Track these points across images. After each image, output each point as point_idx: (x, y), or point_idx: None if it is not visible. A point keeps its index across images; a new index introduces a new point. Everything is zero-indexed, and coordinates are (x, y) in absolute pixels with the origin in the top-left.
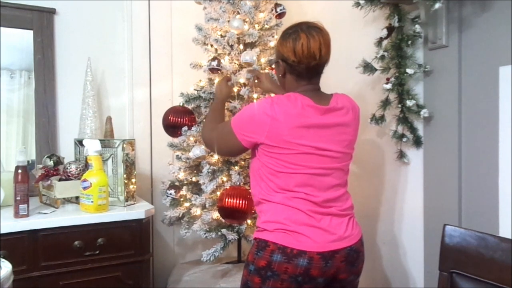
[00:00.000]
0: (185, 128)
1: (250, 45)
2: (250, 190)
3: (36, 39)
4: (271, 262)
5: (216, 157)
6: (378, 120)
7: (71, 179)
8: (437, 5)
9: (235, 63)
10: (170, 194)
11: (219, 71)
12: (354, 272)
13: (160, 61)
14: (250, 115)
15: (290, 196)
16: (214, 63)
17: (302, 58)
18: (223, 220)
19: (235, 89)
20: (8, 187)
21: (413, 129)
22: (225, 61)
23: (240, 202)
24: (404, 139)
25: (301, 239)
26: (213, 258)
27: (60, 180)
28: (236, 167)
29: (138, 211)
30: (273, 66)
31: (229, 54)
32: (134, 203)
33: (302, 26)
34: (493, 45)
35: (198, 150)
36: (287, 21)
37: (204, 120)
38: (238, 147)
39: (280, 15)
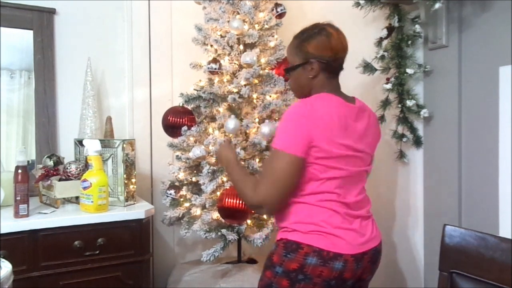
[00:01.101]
0: (184, 128)
1: (250, 46)
2: None
3: (36, 39)
4: (304, 265)
5: (216, 157)
6: (378, 120)
7: (71, 179)
8: (437, 5)
9: (235, 63)
10: (170, 194)
11: (218, 73)
12: (374, 271)
13: (160, 61)
14: (292, 120)
15: (325, 198)
16: (213, 66)
17: (339, 52)
18: (223, 220)
19: (235, 89)
20: (8, 187)
21: (413, 129)
22: (225, 62)
23: (240, 202)
24: (404, 139)
25: (337, 241)
26: (213, 258)
27: (60, 180)
28: None
29: (138, 211)
30: (290, 73)
31: (229, 54)
32: (134, 203)
33: (323, 25)
34: (493, 45)
35: (198, 150)
36: (287, 21)
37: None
38: (297, 164)
39: (280, 15)
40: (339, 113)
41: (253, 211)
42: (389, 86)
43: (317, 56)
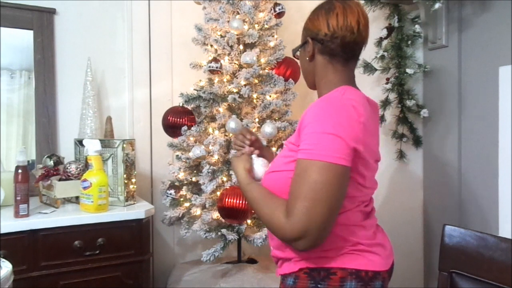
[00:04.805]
0: (184, 128)
1: (250, 46)
2: None
3: (36, 39)
4: None
5: (216, 157)
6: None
7: (71, 179)
8: (437, 5)
9: (235, 63)
10: (170, 194)
11: (218, 72)
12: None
13: (160, 61)
14: (337, 111)
15: (350, 214)
16: (214, 65)
17: (337, 30)
18: (223, 220)
19: (235, 89)
20: (8, 187)
21: (413, 129)
22: (225, 62)
23: (240, 202)
24: (404, 139)
25: (372, 258)
26: (213, 258)
27: (60, 180)
28: None
29: (138, 211)
30: (297, 54)
31: (229, 54)
32: (134, 203)
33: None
34: (493, 45)
35: (198, 150)
36: (287, 21)
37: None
38: (343, 176)
39: (279, 15)
40: (370, 115)
41: (253, 211)
42: (389, 86)
43: (313, 34)
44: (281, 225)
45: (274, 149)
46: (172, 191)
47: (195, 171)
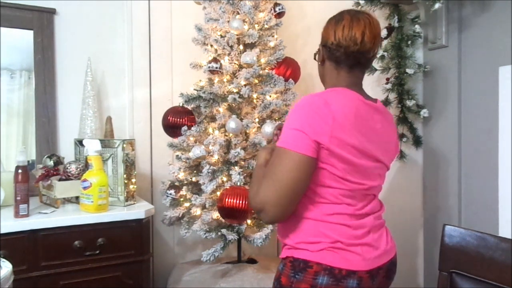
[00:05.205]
0: (184, 128)
1: (250, 46)
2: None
3: (36, 39)
4: (315, 286)
5: (216, 157)
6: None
7: (71, 179)
8: (437, 5)
9: (235, 63)
10: (170, 194)
11: (218, 72)
12: (389, 285)
13: (160, 61)
14: (304, 110)
15: (333, 210)
16: (214, 65)
17: (341, 41)
18: (223, 220)
19: (235, 89)
20: (8, 187)
21: (413, 129)
22: (225, 62)
23: (240, 202)
24: (404, 139)
25: (349, 257)
26: (213, 258)
27: (60, 180)
28: (236, 167)
29: (138, 211)
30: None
31: (229, 54)
32: (134, 203)
33: (351, 11)
34: (493, 45)
35: (198, 150)
36: (287, 21)
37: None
38: (304, 164)
39: (279, 15)
40: (357, 114)
41: (253, 211)
42: (389, 86)
43: (324, 41)
44: (250, 198)
45: None
46: (172, 191)
47: (195, 171)
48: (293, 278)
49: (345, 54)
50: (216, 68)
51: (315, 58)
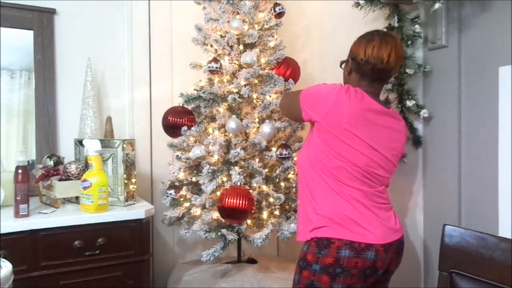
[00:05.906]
0: (184, 128)
1: (250, 46)
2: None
3: (36, 39)
4: (339, 259)
5: (216, 157)
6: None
7: (71, 179)
8: (436, 5)
9: (235, 63)
10: (170, 194)
11: (218, 72)
12: (399, 263)
13: (160, 61)
14: (317, 91)
15: (345, 190)
16: (214, 65)
17: (370, 59)
18: (223, 220)
19: (235, 89)
20: (8, 187)
21: (413, 129)
22: (225, 62)
23: (240, 202)
24: None
25: (365, 233)
26: (213, 258)
27: (60, 180)
28: (236, 167)
29: (138, 211)
30: (343, 66)
31: (229, 54)
32: (134, 203)
33: (380, 32)
34: (493, 45)
35: (198, 150)
36: (287, 21)
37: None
38: (297, 115)
39: (279, 15)
40: (364, 108)
41: (253, 211)
42: (389, 86)
43: (354, 56)
44: (282, 101)
45: (274, 149)
46: (172, 191)
47: (195, 171)
48: (318, 254)
49: (371, 70)
50: (216, 68)
51: (341, 66)
